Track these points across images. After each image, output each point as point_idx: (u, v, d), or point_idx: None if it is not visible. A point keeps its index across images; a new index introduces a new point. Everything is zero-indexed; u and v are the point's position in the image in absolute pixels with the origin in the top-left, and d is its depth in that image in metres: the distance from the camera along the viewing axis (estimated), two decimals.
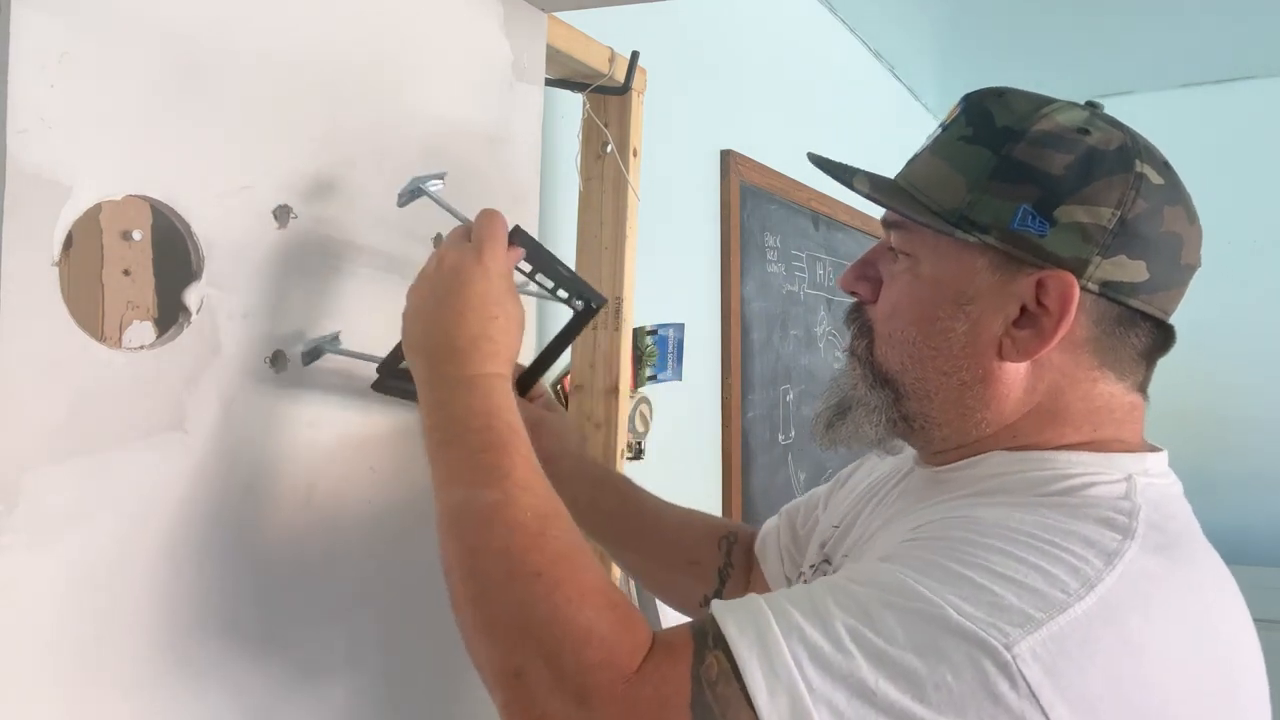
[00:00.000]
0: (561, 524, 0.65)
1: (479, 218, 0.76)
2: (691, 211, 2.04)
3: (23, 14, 0.61)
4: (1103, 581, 0.56)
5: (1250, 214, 3.47)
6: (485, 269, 0.72)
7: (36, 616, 0.64)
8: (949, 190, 0.68)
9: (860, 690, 0.53)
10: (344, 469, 0.85)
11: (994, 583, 0.55)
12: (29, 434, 0.63)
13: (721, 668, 0.55)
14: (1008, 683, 0.52)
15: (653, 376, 1.79)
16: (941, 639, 0.53)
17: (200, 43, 0.72)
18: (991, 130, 0.68)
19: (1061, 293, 0.65)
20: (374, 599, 0.88)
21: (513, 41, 1.03)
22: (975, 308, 0.68)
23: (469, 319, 0.71)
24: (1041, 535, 0.59)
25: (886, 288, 0.74)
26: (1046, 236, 0.65)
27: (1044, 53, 3.22)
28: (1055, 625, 0.53)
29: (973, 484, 0.69)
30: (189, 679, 0.73)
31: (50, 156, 0.63)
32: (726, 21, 2.17)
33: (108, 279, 0.68)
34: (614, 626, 0.59)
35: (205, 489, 0.74)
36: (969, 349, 0.69)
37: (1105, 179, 0.65)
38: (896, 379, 0.72)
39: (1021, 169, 0.66)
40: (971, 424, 0.70)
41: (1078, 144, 0.66)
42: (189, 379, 0.72)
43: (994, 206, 0.66)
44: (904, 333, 0.71)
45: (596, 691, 0.56)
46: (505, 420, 0.68)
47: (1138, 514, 0.61)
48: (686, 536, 1.03)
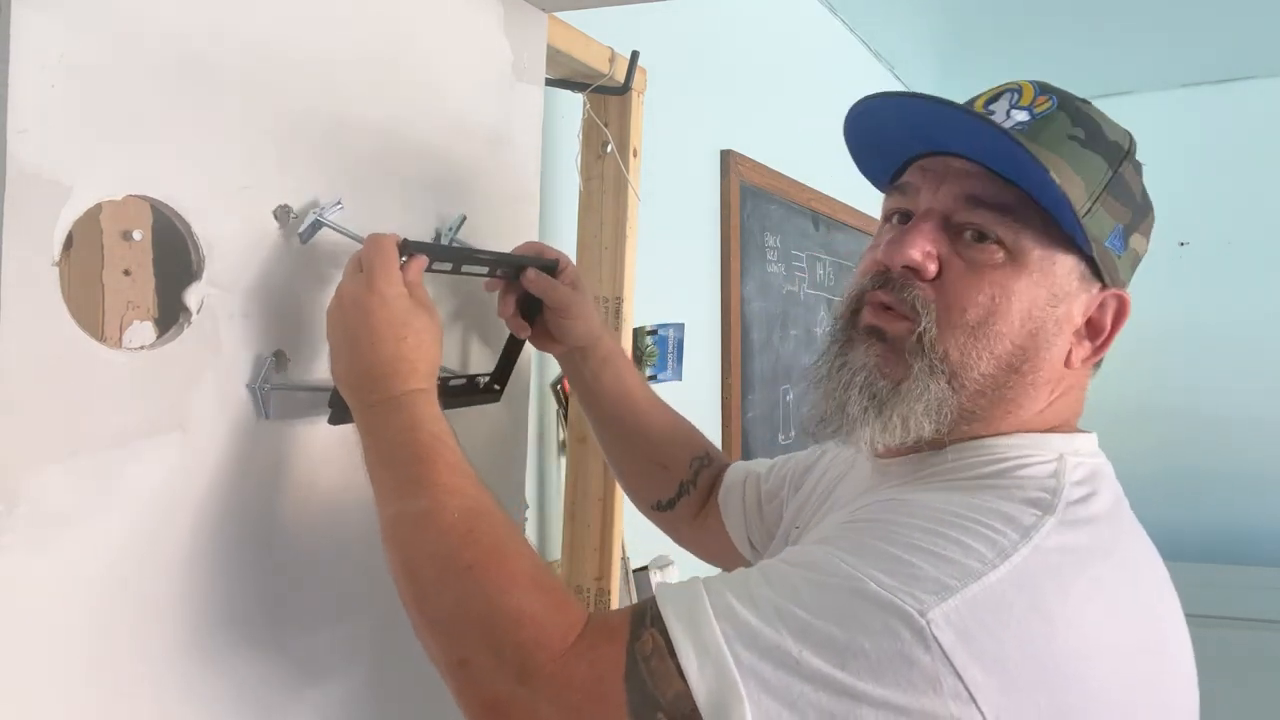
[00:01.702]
0: (489, 520, 0.68)
1: (365, 246, 0.77)
2: (691, 211, 2.04)
3: (23, 14, 0.61)
4: (1017, 552, 0.59)
5: (1250, 214, 3.47)
6: (381, 296, 0.74)
7: (36, 616, 0.64)
8: (1074, 188, 0.66)
9: (785, 661, 0.56)
10: (344, 468, 0.85)
11: (913, 555, 0.59)
12: (29, 434, 0.63)
13: (656, 644, 0.59)
14: (922, 647, 0.54)
15: (653, 376, 1.79)
16: (860, 609, 0.56)
17: (200, 43, 0.72)
18: (1104, 141, 0.68)
19: (1119, 311, 0.70)
20: (375, 596, 0.88)
21: (513, 41, 1.03)
22: (1061, 310, 0.68)
23: (380, 347, 0.73)
24: (963, 513, 0.61)
25: (967, 271, 0.68)
26: (1120, 258, 0.69)
27: (1044, 53, 3.22)
28: (969, 592, 0.56)
29: (911, 472, 0.72)
30: (188, 678, 0.73)
31: (50, 156, 0.63)
32: (726, 21, 2.17)
33: (108, 279, 0.68)
34: (545, 607, 0.62)
35: (205, 489, 0.74)
36: (1047, 351, 0.69)
37: (1152, 214, 0.72)
38: (965, 371, 0.67)
39: (1126, 190, 0.69)
40: (1001, 420, 0.70)
41: (1141, 174, 0.71)
42: (189, 379, 0.72)
43: (1102, 219, 0.68)
44: (995, 325, 0.67)
45: (535, 669, 0.59)
46: (429, 431, 0.71)
47: (1060, 491, 0.64)
48: (664, 439, 1.07)
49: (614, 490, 1.39)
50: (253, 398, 0.77)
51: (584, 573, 1.39)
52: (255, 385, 0.77)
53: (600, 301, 1.36)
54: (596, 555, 1.38)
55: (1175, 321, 3.40)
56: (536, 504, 1.47)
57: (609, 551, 1.39)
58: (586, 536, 1.39)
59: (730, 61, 2.18)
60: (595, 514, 1.39)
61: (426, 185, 0.93)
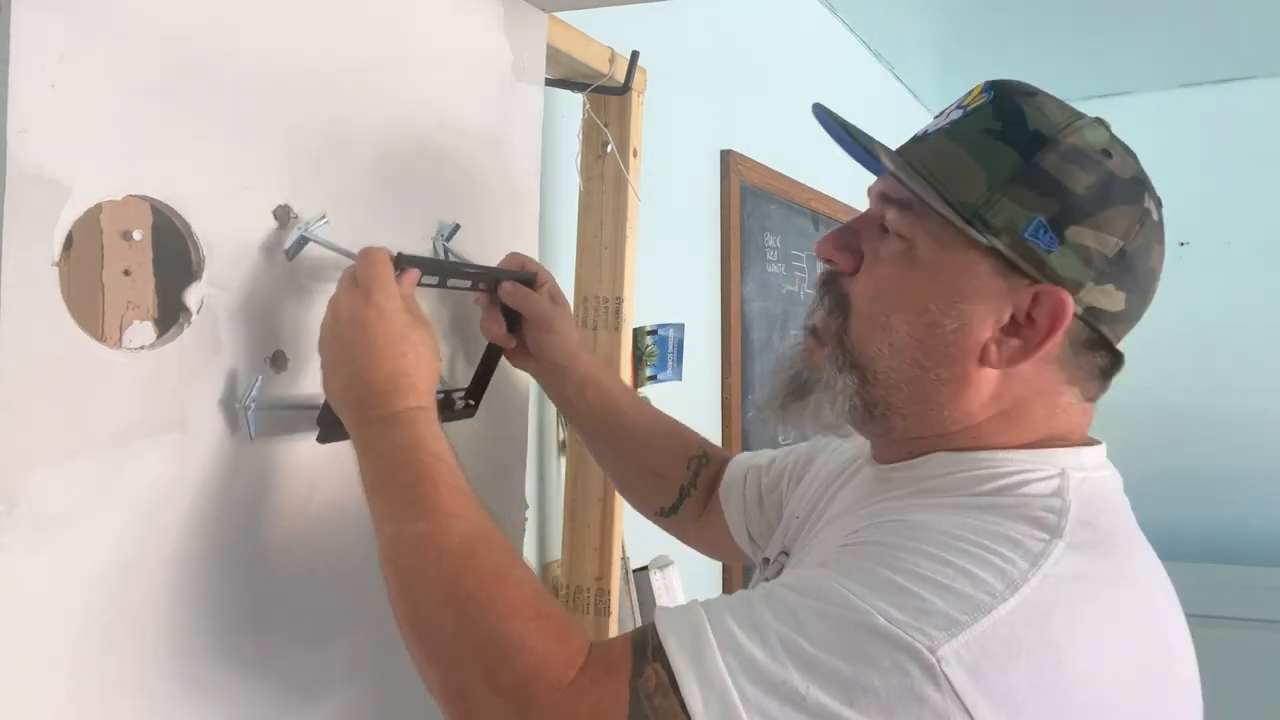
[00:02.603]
0: (489, 544, 0.66)
1: (359, 260, 0.76)
2: (691, 211, 2.04)
3: (23, 14, 0.61)
4: (1027, 583, 0.57)
5: (1250, 214, 3.47)
6: (379, 310, 0.73)
7: (36, 617, 0.64)
8: (968, 183, 0.66)
9: (791, 697, 0.55)
10: (344, 469, 0.85)
11: (921, 587, 0.57)
12: (29, 434, 0.63)
13: (659, 680, 0.57)
14: (932, 685, 0.53)
15: (653, 376, 1.79)
16: (869, 645, 0.55)
17: (200, 42, 0.72)
18: (1022, 131, 0.66)
19: (1054, 310, 0.65)
20: (373, 601, 0.87)
21: (513, 41, 1.03)
22: (969, 308, 0.67)
23: (379, 362, 0.72)
24: (969, 538, 0.60)
25: (872, 265, 0.71)
26: (1053, 253, 0.65)
27: (1044, 52, 3.22)
28: (979, 627, 0.55)
29: (913, 484, 0.71)
30: (188, 679, 0.73)
31: (50, 156, 0.63)
32: (726, 21, 2.17)
33: (108, 279, 0.68)
34: (546, 638, 0.61)
35: (205, 489, 0.74)
36: (954, 347, 0.68)
37: (1117, 207, 0.65)
38: (868, 364, 0.70)
39: (1046, 180, 0.65)
40: (933, 420, 0.70)
41: (1100, 166, 0.66)
42: (189, 379, 0.72)
43: (1010, 211, 0.65)
44: (889, 318, 0.69)
45: (533, 701, 0.58)
46: (430, 451, 0.70)
47: (1066, 512, 0.62)
48: (656, 447, 1.06)
49: (614, 490, 1.38)
50: (240, 417, 0.75)
51: (584, 573, 1.39)
52: (242, 404, 0.75)
53: (600, 301, 1.36)
54: (596, 555, 1.38)
55: (1175, 321, 3.38)
56: (536, 504, 1.47)
57: (609, 551, 1.39)
58: (586, 536, 1.39)
59: (730, 61, 2.18)
60: (595, 514, 1.39)
61: (426, 185, 0.93)
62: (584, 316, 1.36)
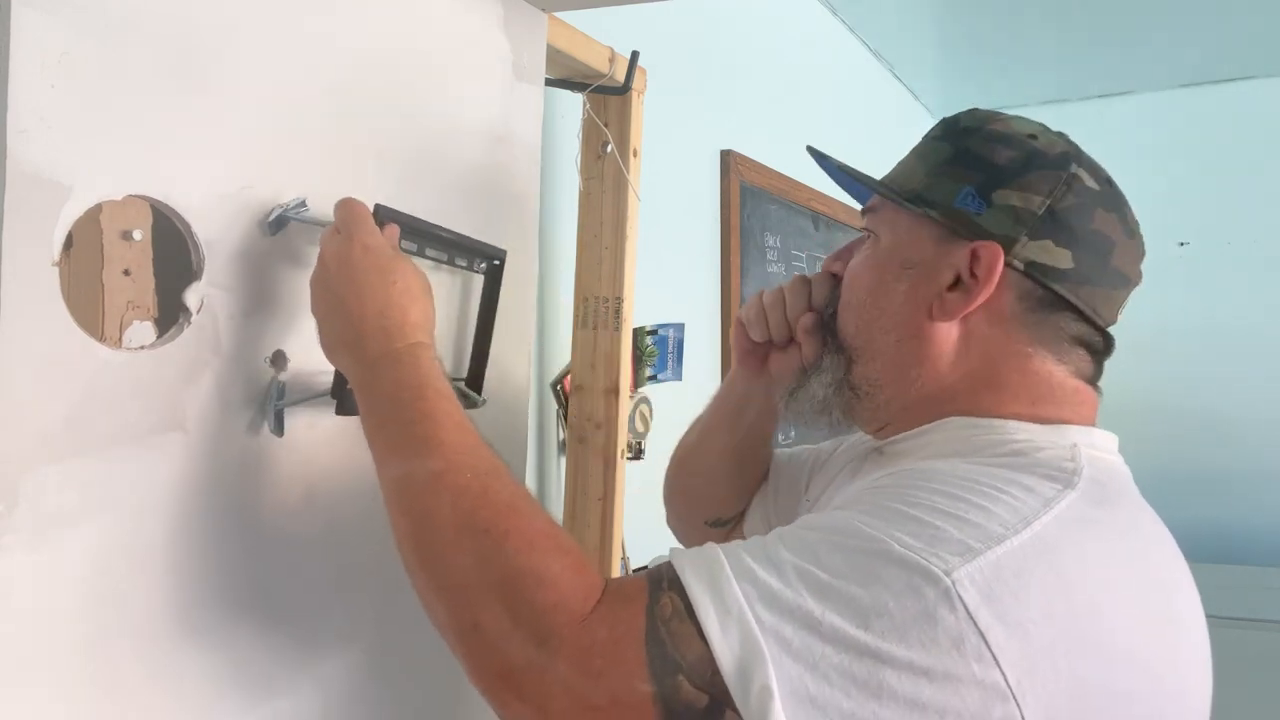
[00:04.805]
0: (502, 479, 0.66)
1: (337, 209, 0.76)
2: (691, 211, 2.04)
3: (23, 14, 0.61)
4: (1039, 519, 0.60)
5: (1250, 214, 3.47)
6: (363, 245, 0.73)
7: (36, 616, 0.64)
8: (912, 176, 0.77)
9: (807, 622, 0.56)
10: (344, 469, 0.85)
11: (936, 518, 0.59)
12: (29, 434, 0.63)
13: (675, 606, 0.58)
14: (947, 606, 0.55)
15: (653, 376, 1.79)
16: (884, 570, 0.57)
17: (200, 42, 0.72)
18: (955, 130, 0.78)
19: (989, 261, 0.71)
20: (373, 601, 0.88)
21: (513, 41, 1.03)
22: (915, 272, 0.75)
23: (368, 295, 0.71)
24: (984, 480, 0.62)
25: (853, 262, 0.81)
26: (983, 215, 0.72)
27: (1044, 53, 3.22)
28: (993, 554, 0.57)
29: (927, 449, 0.73)
30: (187, 679, 0.73)
31: (50, 156, 0.63)
32: (726, 21, 2.17)
33: (108, 279, 0.68)
34: (566, 569, 0.61)
35: (205, 489, 0.74)
36: (905, 307, 0.75)
37: (1040, 171, 0.72)
38: (850, 342, 0.78)
39: (971, 158, 0.75)
40: (907, 381, 0.75)
41: (1024, 144, 0.74)
42: (189, 379, 0.72)
43: (944, 187, 0.74)
44: (858, 296, 0.78)
45: (554, 632, 0.58)
46: (434, 388, 0.69)
47: (1080, 471, 0.65)
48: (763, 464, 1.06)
49: (614, 490, 1.39)
50: (273, 419, 0.77)
51: None
52: (274, 406, 0.76)
53: (600, 301, 1.36)
54: (596, 555, 1.38)
55: (1174, 321, 3.39)
56: None
57: (609, 551, 1.39)
58: (586, 536, 1.39)
59: (730, 61, 2.18)
60: (595, 514, 1.39)
61: (426, 184, 0.93)
62: (584, 316, 1.36)
